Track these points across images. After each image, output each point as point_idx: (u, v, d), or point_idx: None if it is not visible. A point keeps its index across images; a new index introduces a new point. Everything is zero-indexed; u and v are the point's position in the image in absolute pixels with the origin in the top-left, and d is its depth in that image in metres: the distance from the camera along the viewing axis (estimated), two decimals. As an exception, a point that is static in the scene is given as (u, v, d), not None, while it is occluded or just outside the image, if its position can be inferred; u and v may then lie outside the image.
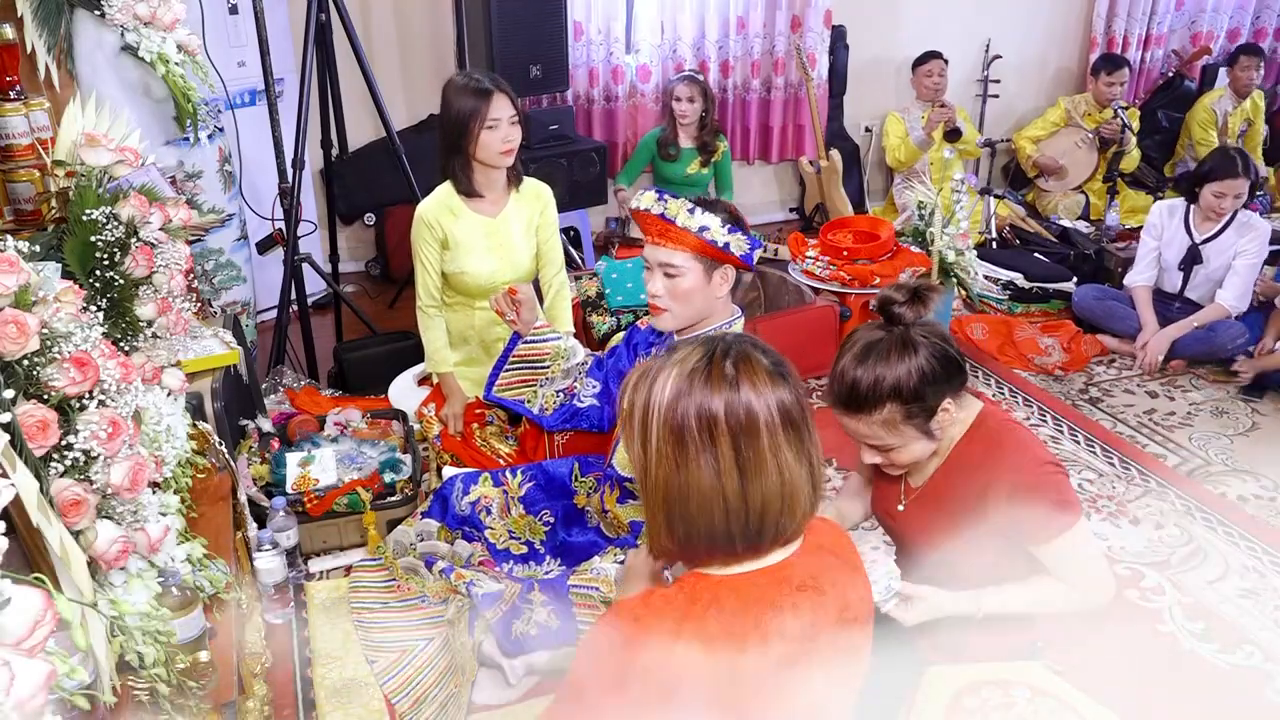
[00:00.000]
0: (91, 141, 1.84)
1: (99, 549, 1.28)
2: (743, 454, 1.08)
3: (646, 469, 1.12)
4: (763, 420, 1.09)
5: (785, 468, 1.10)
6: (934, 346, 1.56)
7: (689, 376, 1.10)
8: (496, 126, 2.44)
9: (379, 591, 2.21)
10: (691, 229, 1.89)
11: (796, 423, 1.12)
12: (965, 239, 3.80)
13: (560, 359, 2.38)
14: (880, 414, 1.56)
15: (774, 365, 1.14)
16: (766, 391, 1.10)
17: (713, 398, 1.08)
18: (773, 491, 1.09)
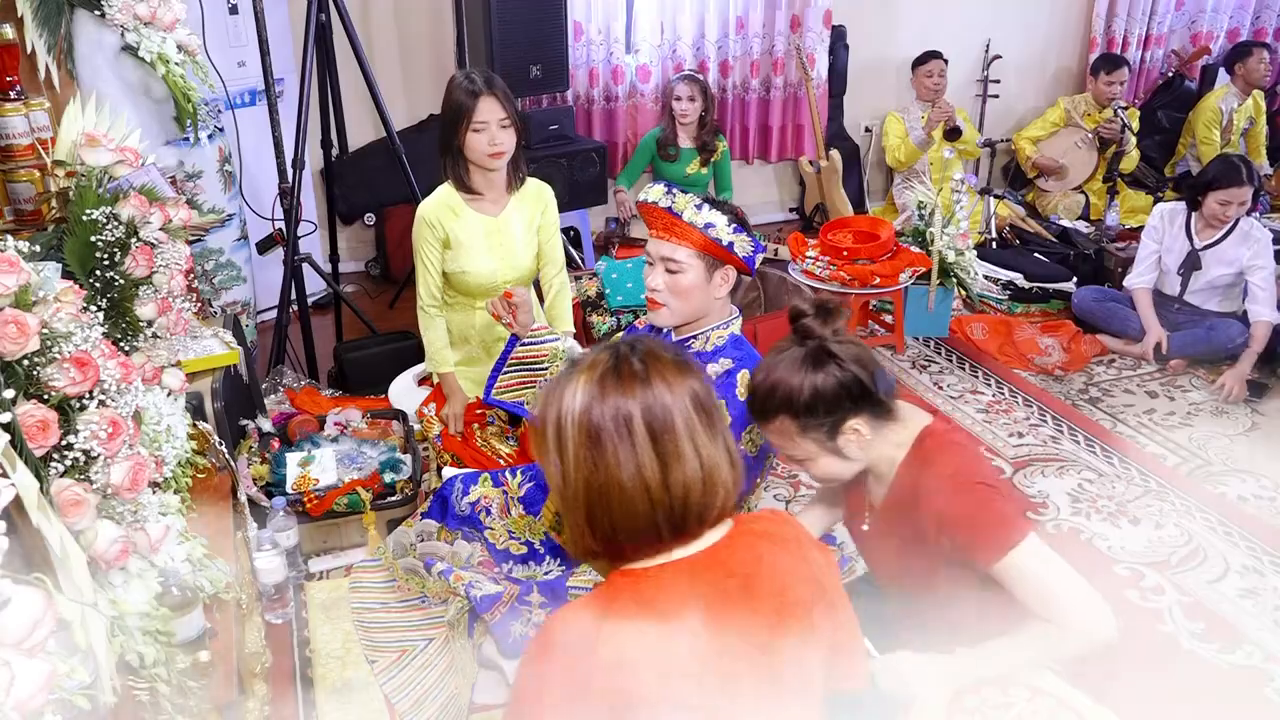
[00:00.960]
0: (91, 141, 1.84)
1: (99, 549, 1.28)
2: (661, 445, 1.12)
3: (565, 477, 1.16)
4: (677, 411, 1.13)
5: (702, 452, 1.14)
6: (843, 367, 1.52)
7: (599, 381, 1.15)
8: (483, 130, 2.44)
9: (379, 592, 2.21)
10: (697, 225, 1.89)
11: (707, 408, 1.17)
12: (965, 239, 3.80)
13: (559, 360, 2.38)
14: (774, 423, 1.57)
15: (676, 357, 1.19)
16: (677, 383, 1.15)
17: (626, 397, 1.13)
18: (693, 477, 1.13)
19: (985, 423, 3.17)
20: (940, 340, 3.78)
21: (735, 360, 1.97)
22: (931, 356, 3.67)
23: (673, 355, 1.19)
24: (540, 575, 2.21)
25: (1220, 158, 3.62)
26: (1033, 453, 2.98)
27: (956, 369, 3.57)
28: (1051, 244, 4.43)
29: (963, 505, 1.51)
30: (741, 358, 1.98)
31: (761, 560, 1.18)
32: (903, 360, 3.64)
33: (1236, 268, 3.46)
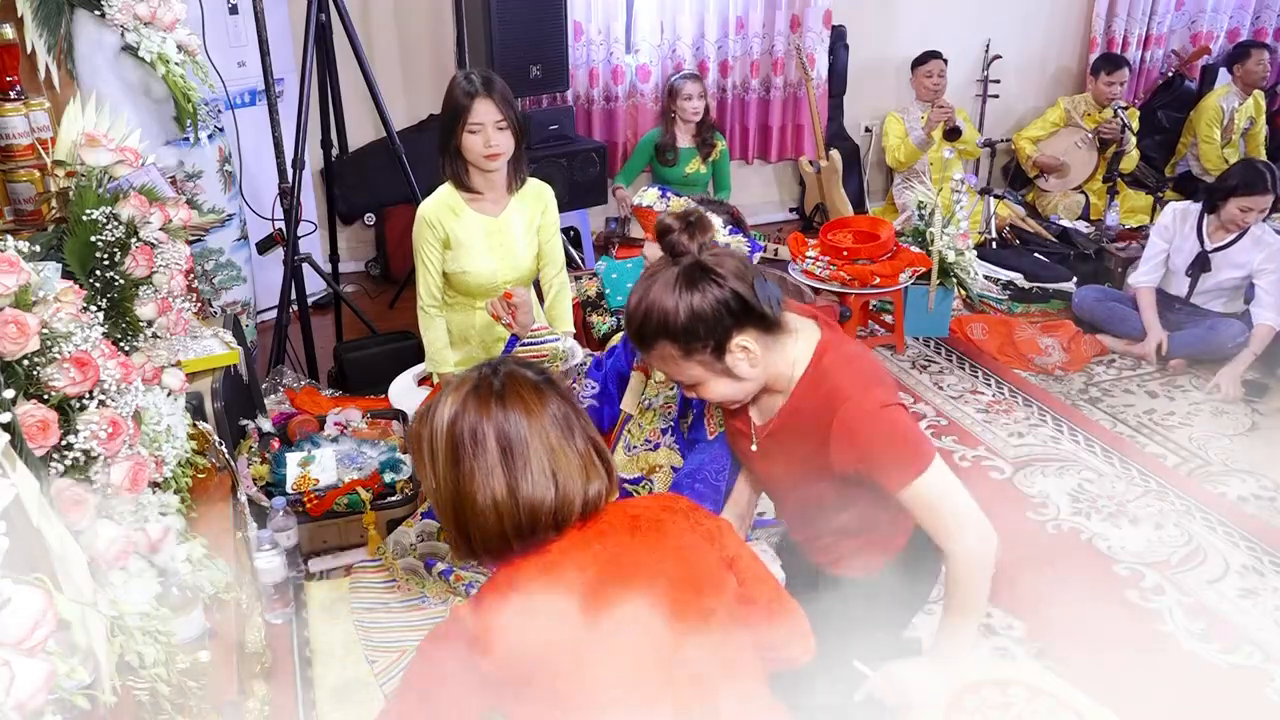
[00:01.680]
0: (91, 141, 1.84)
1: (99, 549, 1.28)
2: (510, 463, 1.19)
3: (436, 487, 1.23)
4: (532, 431, 1.20)
5: (555, 470, 1.21)
6: (720, 283, 1.44)
7: (463, 399, 1.22)
8: (479, 131, 2.44)
9: (379, 592, 2.21)
10: None
11: (567, 425, 1.23)
12: (965, 239, 3.80)
13: (559, 360, 2.38)
14: (656, 350, 1.50)
15: (539, 378, 1.26)
16: (534, 403, 1.22)
17: (481, 417, 1.20)
18: (542, 494, 1.19)
19: (985, 423, 3.17)
20: (940, 340, 3.78)
21: None
22: (931, 356, 3.67)
23: (534, 376, 1.26)
24: (540, 575, 2.21)
25: (1245, 163, 3.61)
26: (1033, 453, 2.98)
27: (956, 369, 3.57)
28: (1051, 244, 4.43)
29: (872, 430, 1.47)
30: None
31: (617, 550, 1.23)
32: (903, 360, 3.64)
33: (1245, 271, 3.46)
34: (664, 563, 1.25)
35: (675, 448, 2.05)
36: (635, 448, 2.14)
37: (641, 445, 2.12)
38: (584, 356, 2.43)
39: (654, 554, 1.25)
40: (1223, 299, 3.58)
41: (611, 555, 1.23)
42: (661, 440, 2.07)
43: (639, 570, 1.23)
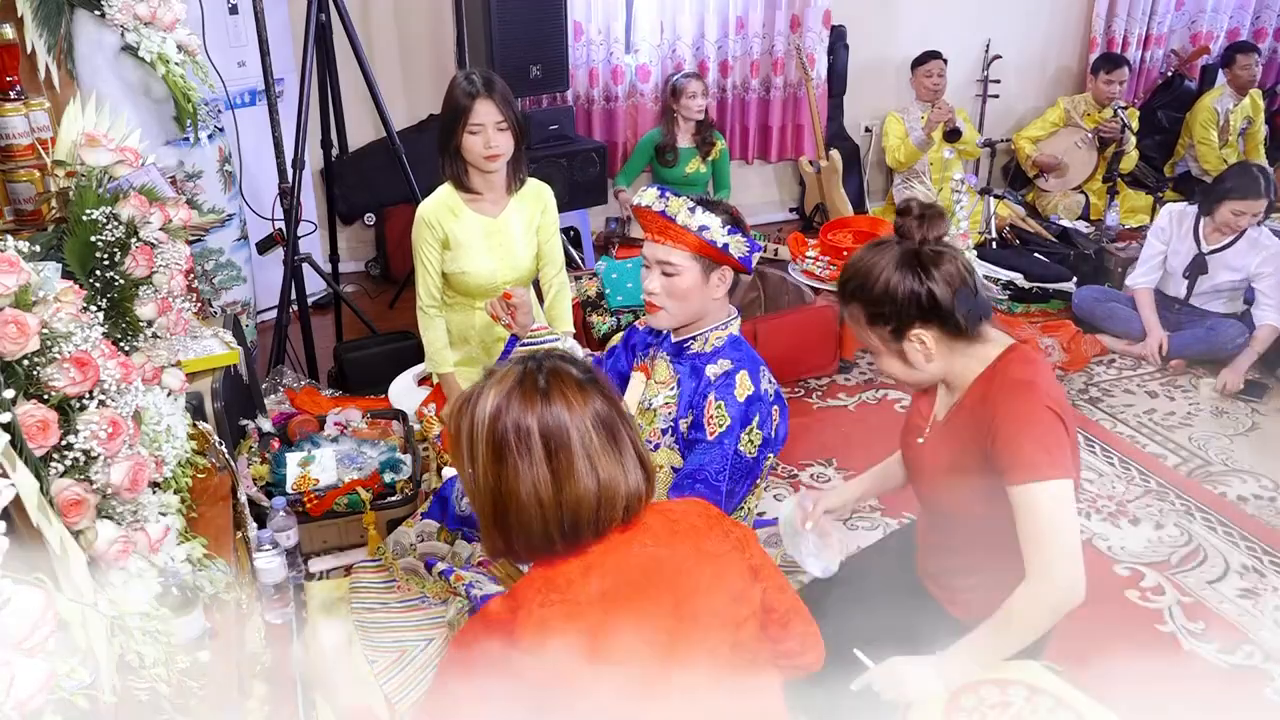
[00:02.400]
0: (91, 141, 1.84)
1: (99, 549, 1.28)
2: (555, 461, 1.18)
3: (475, 482, 1.23)
4: (574, 429, 1.19)
5: (599, 469, 1.20)
6: (924, 278, 1.50)
7: (507, 394, 1.21)
8: (479, 132, 2.44)
9: (379, 592, 2.21)
10: (691, 228, 1.89)
11: (610, 426, 1.22)
12: (965, 239, 3.80)
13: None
14: (849, 308, 1.60)
15: (584, 375, 1.25)
16: (577, 401, 1.21)
17: (526, 412, 1.19)
18: (586, 493, 1.19)
19: (985, 423, 3.17)
20: (940, 340, 3.78)
21: (734, 361, 1.97)
22: (931, 356, 3.67)
23: (579, 373, 1.25)
24: (540, 575, 2.22)
25: (1240, 166, 3.60)
26: (1033, 453, 2.98)
27: (956, 369, 3.57)
28: (1051, 244, 4.43)
29: (1023, 415, 1.49)
30: (740, 359, 1.98)
31: (659, 553, 1.24)
32: (903, 360, 3.64)
33: (1243, 274, 3.46)
34: (702, 569, 1.25)
35: (675, 448, 2.05)
36: (635, 448, 2.13)
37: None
38: (584, 357, 2.42)
39: (691, 560, 1.25)
40: (1221, 300, 3.58)
41: (652, 558, 1.23)
42: (662, 440, 2.07)
43: (679, 576, 1.23)
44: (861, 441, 3.06)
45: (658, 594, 1.21)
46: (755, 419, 1.91)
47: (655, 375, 2.11)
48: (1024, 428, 1.48)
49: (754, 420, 1.91)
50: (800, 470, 2.89)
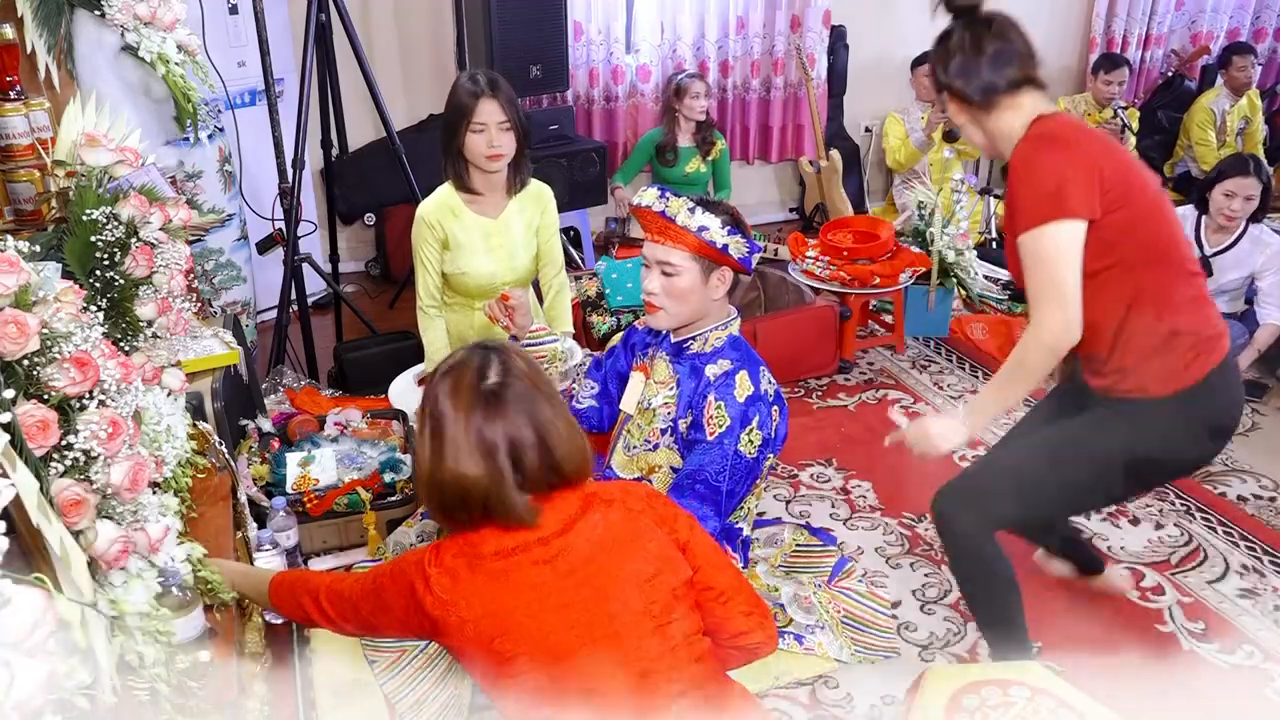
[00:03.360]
0: (91, 141, 1.84)
1: (99, 549, 1.28)
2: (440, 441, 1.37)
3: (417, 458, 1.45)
4: (448, 416, 1.37)
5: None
6: (976, 39, 1.71)
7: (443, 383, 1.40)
8: (482, 131, 2.44)
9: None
10: (691, 228, 1.89)
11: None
12: (965, 239, 3.80)
13: (558, 361, 2.38)
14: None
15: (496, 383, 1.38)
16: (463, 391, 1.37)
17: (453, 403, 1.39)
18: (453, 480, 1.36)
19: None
20: (940, 340, 3.78)
21: (734, 361, 1.97)
22: (931, 356, 3.67)
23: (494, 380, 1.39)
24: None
25: (1229, 156, 3.61)
26: (1033, 453, 2.98)
27: (956, 369, 3.57)
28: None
29: (1015, 169, 1.65)
30: (740, 359, 1.98)
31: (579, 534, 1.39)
32: (903, 360, 3.63)
33: (1247, 271, 3.46)
34: (616, 538, 1.40)
35: (675, 448, 2.05)
36: (635, 448, 2.13)
37: (641, 445, 2.12)
38: (583, 357, 2.42)
39: (606, 528, 1.40)
40: (1224, 300, 3.57)
41: (565, 521, 1.39)
42: (661, 440, 2.07)
43: (592, 545, 1.38)
44: (861, 441, 3.06)
45: (569, 556, 1.37)
46: (755, 419, 1.91)
47: (654, 375, 2.11)
48: (1025, 173, 1.62)
49: (754, 420, 1.91)
50: (800, 470, 2.89)
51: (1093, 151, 1.63)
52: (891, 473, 2.86)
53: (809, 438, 3.07)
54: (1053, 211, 1.58)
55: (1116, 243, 1.64)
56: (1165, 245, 1.70)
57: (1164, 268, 1.69)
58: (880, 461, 2.92)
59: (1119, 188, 1.62)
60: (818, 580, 2.29)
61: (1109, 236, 1.63)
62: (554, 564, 1.37)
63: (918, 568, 2.45)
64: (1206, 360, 1.70)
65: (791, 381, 3.43)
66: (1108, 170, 1.62)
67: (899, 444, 1.85)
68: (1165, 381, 1.70)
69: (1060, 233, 1.58)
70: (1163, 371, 1.70)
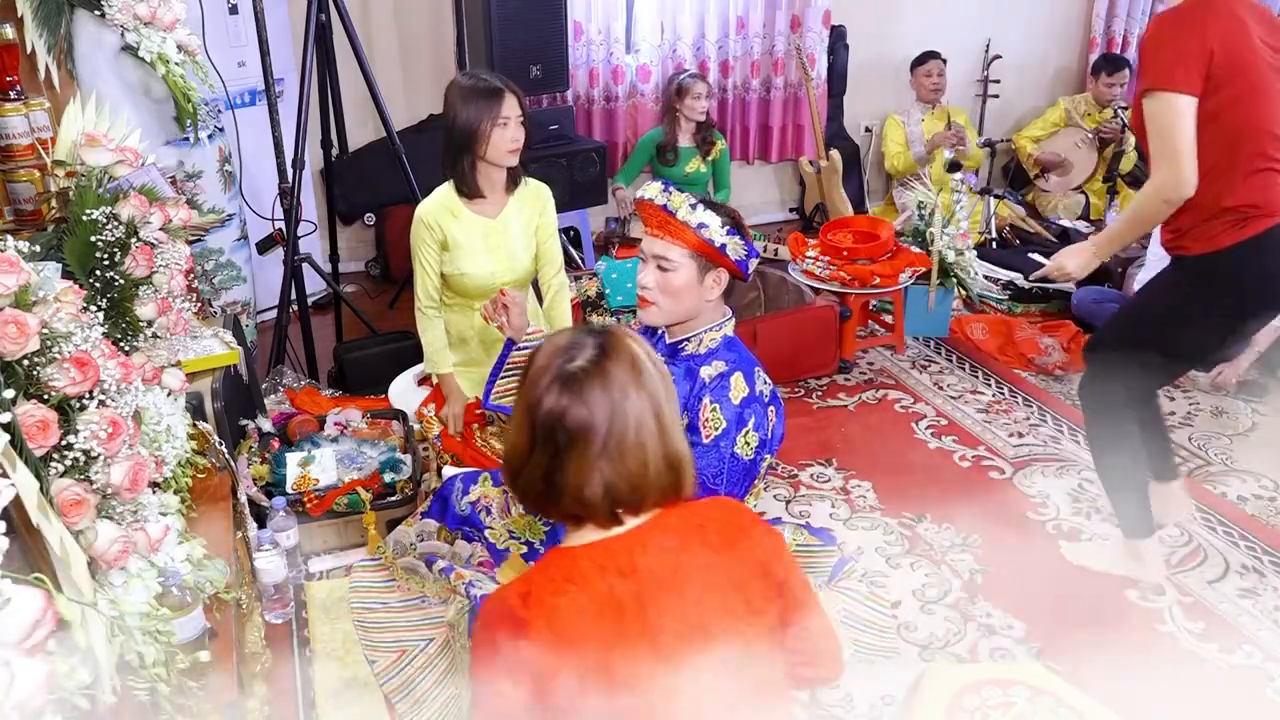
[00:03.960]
0: (91, 141, 1.84)
1: (99, 549, 1.28)
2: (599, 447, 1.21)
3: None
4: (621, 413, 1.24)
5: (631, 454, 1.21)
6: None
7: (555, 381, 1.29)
8: (507, 125, 2.45)
9: (379, 592, 2.21)
10: (691, 224, 1.88)
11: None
12: (965, 239, 3.80)
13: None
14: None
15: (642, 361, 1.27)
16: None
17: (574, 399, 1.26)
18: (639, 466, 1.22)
19: (985, 423, 3.17)
20: (940, 340, 3.78)
21: (729, 363, 1.94)
22: (931, 356, 3.67)
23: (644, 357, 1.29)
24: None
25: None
26: (1033, 453, 2.98)
27: (956, 369, 3.57)
28: (1052, 244, 4.43)
29: (1160, 26, 1.93)
30: (735, 360, 1.96)
31: (671, 554, 1.23)
32: (903, 360, 3.64)
33: None
34: (719, 569, 1.24)
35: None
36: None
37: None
38: None
39: (715, 557, 1.25)
40: None
41: (668, 561, 1.22)
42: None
43: (695, 573, 1.22)
44: (861, 441, 3.06)
45: (666, 599, 1.19)
46: (751, 421, 1.90)
47: None
48: (1153, 36, 1.93)
49: (749, 422, 1.90)
50: (800, 470, 2.89)
51: (1210, 34, 1.89)
52: (891, 473, 2.86)
53: (809, 438, 3.07)
54: (1165, 82, 1.89)
55: (1212, 117, 1.91)
56: (1252, 128, 1.96)
57: (1241, 147, 1.96)
58: (880, 461, 2.92)
59: (1225, 71, 1.89)
60: (817, 581, 2.29)
61: (1209, 109, 1.90)
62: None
63: (918, 568, 2.45)
64: (1238, 233, 1.99)
65: (791, 381, 3.43)
66: (1219, 55, 1.88)
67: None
68: (1202, 244, 2.03)
69: (1172, 101, 1.89)
70: (1202, 236, 2.02)
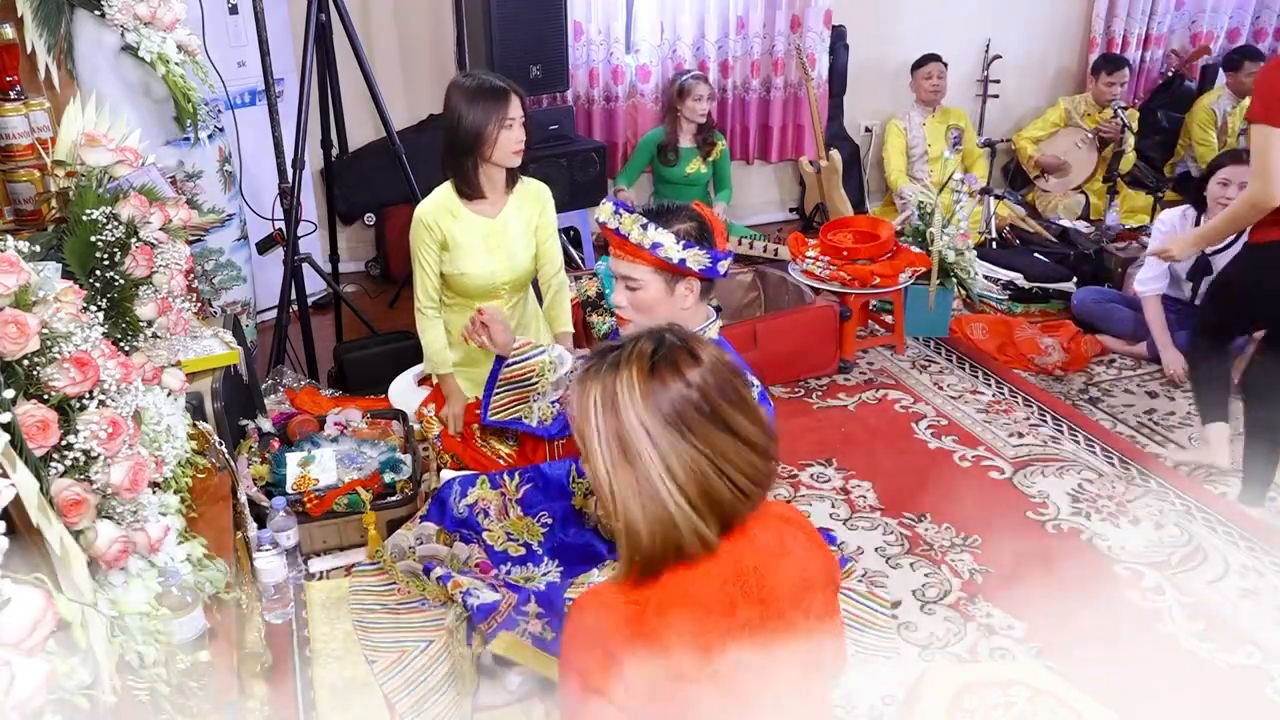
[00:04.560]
0: (91, 141, 1.84)
1: (99, 549, 1.28)
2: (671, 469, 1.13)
3: (610, 487, 1.16)
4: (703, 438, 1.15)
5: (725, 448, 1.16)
6: None
7: (628, 389, 1.14)
8: (513, 126, 2.45)
9: (379, 594, 2.21)
10: (645, 246, 1.85)
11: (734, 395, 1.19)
12: (965, 239, 3.80)
13: (548, 373, 2.35)
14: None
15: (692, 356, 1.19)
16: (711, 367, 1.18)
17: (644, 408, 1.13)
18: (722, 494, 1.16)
19: (985, 423, 3.17)
20: (940, 340, 3.78)
21: None
22: (931, 356, 3.67)
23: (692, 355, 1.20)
24: (539, 577, 2.21)
25: (1223, 152, 3.64)
26: (1033, 453, 2.98)
27: (956, 369, 3.57)
28: (1051, 244, 4.43)
29: (1273, 71, 2.34)
30: None
31: (780, 546, 1.23)
32: (903, 360, 3.63)
33: None
34: (791, 564, 1.24)
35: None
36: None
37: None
38: (574, 362, 2.41)
39: (796, 557, 1.25)
40: None
41: (769, 547, 1.23)
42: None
43: (788, 573, 1.23)
44: (861, 441, 3.06)
45: (772, 588, 1.20)
46: None
47: None
48: (1262, 81, 2.36)
49: None
50: (800, 470, 2.89)
51: None
52: (891, 473, 2.86)
53: (809, 438, 3.07)
54: (1274, 120, 2.30)
55: None
56: None
57: None
58: (880, 461, 2.92)
59: None
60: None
61: None
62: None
63: (918, 568, 2.45)
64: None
65: (791, 381, 3.43)
66: None
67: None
68: (1256, 234, 2.58)
69: (1272, 134, 2.32)
70: (1257, 228, 2.55)
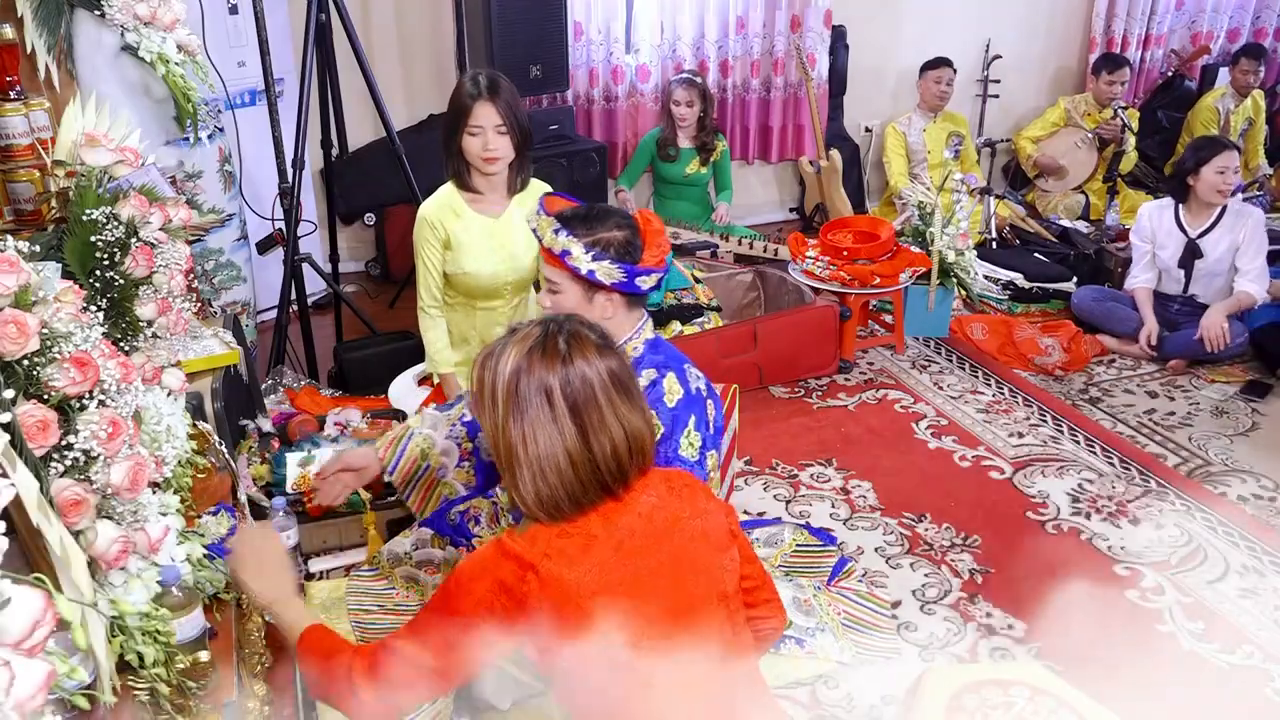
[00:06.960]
0: (91, 141, 1.84)
1: (99, 549, 1.28)
2: (581, 417, 1.27)
3: (496, 437, 1.31)
4: (597, 386, 1.28)
5: (624, 421, 1.30)
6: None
7: (528, 354, 1.29)
8: (478, 134, 2.45)
9: (376, 596, 2.21)
10: (555, 251, 1.81)
11: (626, 385, 1.33)
12: (965, 239, 3.80)
13: (431, 449, 2.26)
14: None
15: (600, 339, 1.34)
16: (596, 361, 1.30)
17: (549, 372, 1.27)
18: (619, 442, 1.30)
19: (985, 423, 3.17)
20: (940, 340, 3.78)
21: (658, 368, 1.88)
22: (931, 356, 3.67)
23: (596, 336, 1.34)
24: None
25: (1194, 141, 3.73)
26: (1033, 453, 2.98)
27: (956, 369, 3.57)
28: (1051, 244, 4.43)
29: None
30: (664, 362, 1.90)
31: (669, 510, 1.37)
32: (903, 360, 3.63)
33: (1232, 240, 3.51)
34: (694, 523, 1.38)
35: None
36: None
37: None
38: (445, 425, 2.34)
39: (686, 512, 1.38)
40: (1219, 283, 3.59)
41: (657, 508, 1.36)
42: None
43: (677, 527, 1.36)
44: (861, 441, 3.06)
45: (661, 546, 1.33)
46: (691, 420, 1.85)
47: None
48: None
49: (690, 423, 1.84)
50: (800, 470, 2.89)
51: None
52: (891, 473, 2.86)
53: (809, 438, 3.08)
54: None
55: None
56: None
57: None
58: (880, 461, 2.92)
59: None
60: (817, 582, 2.28)
61: None
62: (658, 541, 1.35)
63: (918, 568, 2.45)
64: None
65: (791, 381, 3.43)
66: None
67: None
68: None
69: None
70: None
